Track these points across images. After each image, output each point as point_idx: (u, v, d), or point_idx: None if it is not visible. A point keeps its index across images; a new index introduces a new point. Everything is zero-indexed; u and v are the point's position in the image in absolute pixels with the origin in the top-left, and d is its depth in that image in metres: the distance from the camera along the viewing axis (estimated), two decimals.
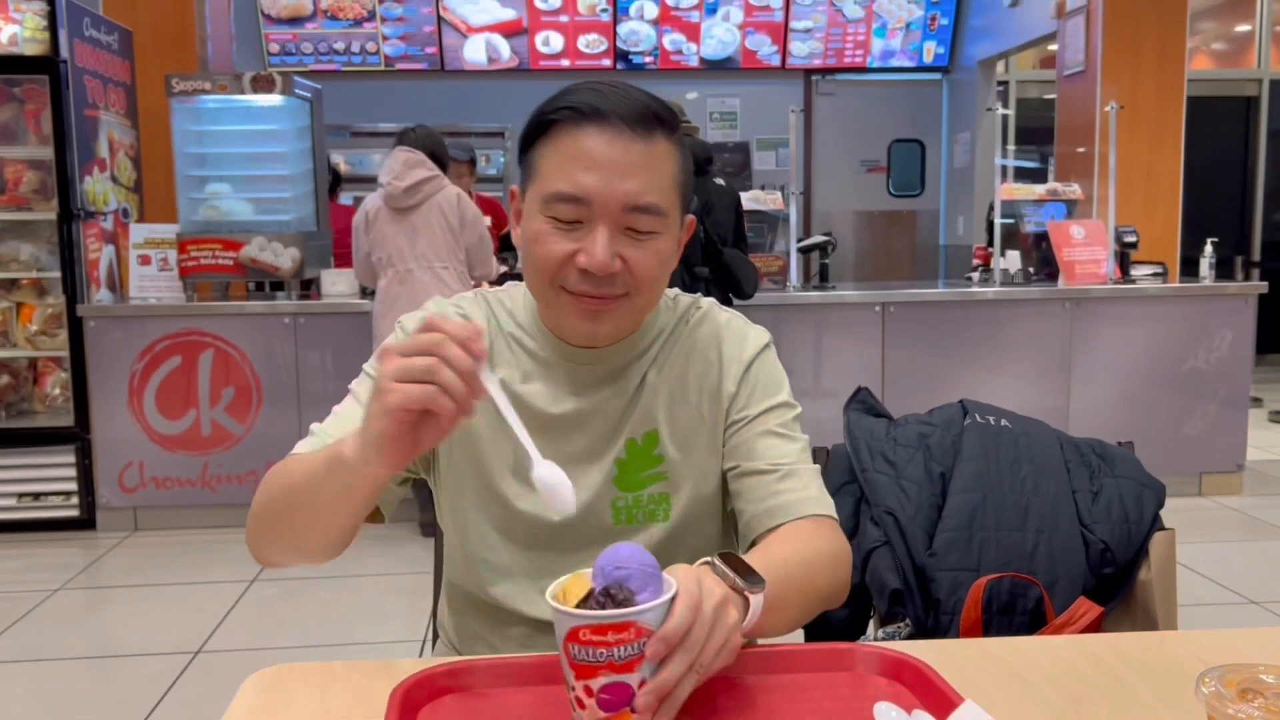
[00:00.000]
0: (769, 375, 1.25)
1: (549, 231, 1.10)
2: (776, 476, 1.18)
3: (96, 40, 4.53)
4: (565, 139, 1.10)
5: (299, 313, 4.28)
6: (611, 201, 1.08)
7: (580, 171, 1.08)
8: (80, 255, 4.30)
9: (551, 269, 1.11)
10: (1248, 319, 4.57)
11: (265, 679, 1.00)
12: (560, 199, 1.08)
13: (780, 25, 7.55)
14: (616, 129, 1.08)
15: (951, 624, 1.44)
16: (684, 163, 1.16)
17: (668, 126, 1.12)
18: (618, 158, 1.08)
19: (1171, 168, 5.65)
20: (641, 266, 1.11)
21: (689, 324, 1.26)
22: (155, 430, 4.25)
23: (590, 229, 1.09)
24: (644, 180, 1.09)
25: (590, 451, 1.20)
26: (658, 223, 1.11)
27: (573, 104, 1.10)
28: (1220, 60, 8.32)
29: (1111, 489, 1.53)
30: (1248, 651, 1.05)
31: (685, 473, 1.22)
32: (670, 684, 0.84)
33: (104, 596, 3.66)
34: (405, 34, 7.39)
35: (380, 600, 3.51)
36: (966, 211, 7.64)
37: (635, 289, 1.12)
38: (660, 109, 1.12)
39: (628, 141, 1.08)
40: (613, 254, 1.09)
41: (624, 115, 1.09)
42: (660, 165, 1.11)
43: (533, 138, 1.14)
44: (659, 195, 1.10)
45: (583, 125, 1.09)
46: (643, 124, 1.09)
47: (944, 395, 1.90)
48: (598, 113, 1.09)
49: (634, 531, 1.20)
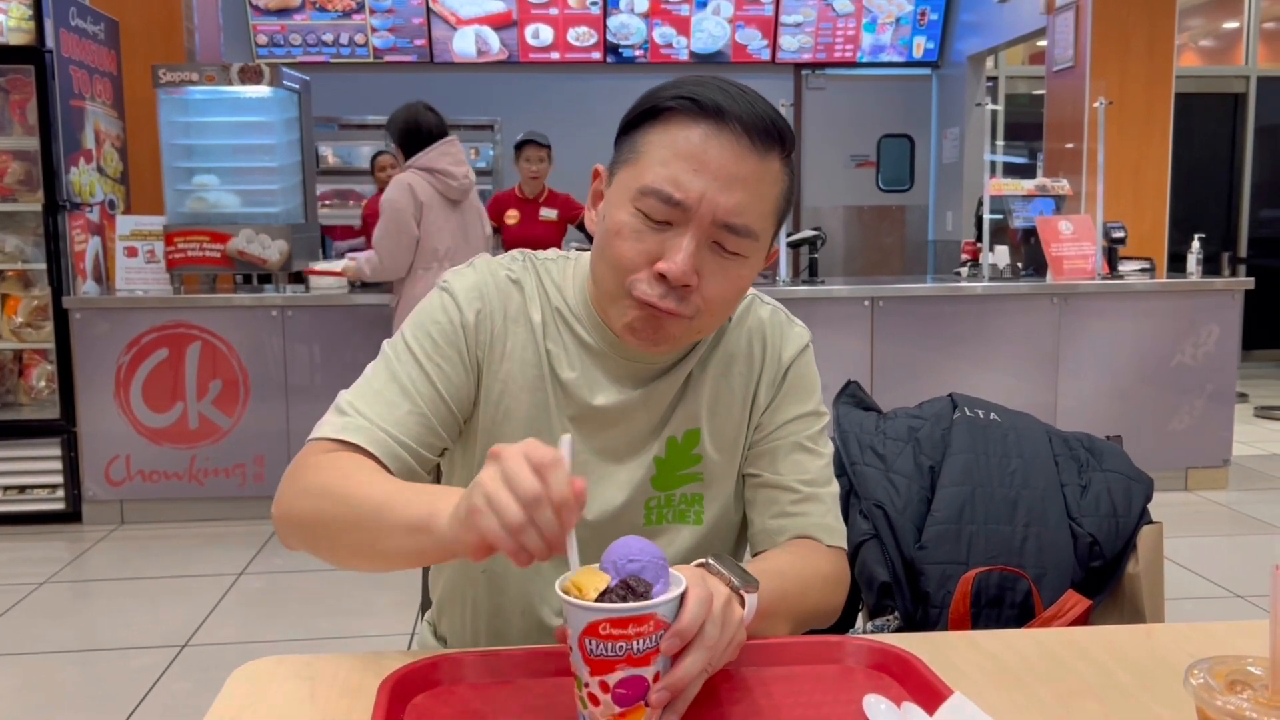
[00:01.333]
0: (804, 380, 1.22)
1: (634, 228, 1.03)
2: (797, 498, 1.17)
3: (83, 30, 4.50)
4: (678, 130, 1.02)
5: (287, 305, 4.26)
6: (708, 211, 1.00)
7: (686, 172, 1.00)
8: (66, 247, 4.27)
9: (627, 270, 1.04)
10: (1234, 314, 4.60)
11: (252, 672, 0.99)
12: (657, 196, 1.01)
13: (770, 20, 7.54)
14: (735, 135, 1.00)
15: (940, 617, 1.44)
16: (790, 188, 1.08)
17: (785, 146, 1.04)
18: (728, 167, 1.00)
19: (1159, 164, 5.68)
20: (716, 292, 1.04)
21: (732, 319, 1.21)
22: (142, 423, 4.23)
23: (678, 234, 1.01)
24: (747, 198, 1.01)
25: (630, 448, 1.17)
26: (747, 246, 1.04)
27: (695, 95, 1.01)
28: (1208, 57, 8.35)
29: (1100, 483, 1.54)
30: (1234, 644, 1.05)
31: (720, 474, 1.19)
32: (687, 680, 0.84)
33: (90, 590, 3.64)
34: (394, 26, 7.36)
35: (368, 593, 3.51)
36: (955, 207, 7.66)
37: (703, 312, 1.05)
38: (784, 125, 1.04)
39: (743, 152, 1.00)
40: (694, 267, 1.01)
41: (745, 122, 1.00)
42: (768, 186, 1.03)
43: (640, 120, 1.05)
44: (756, 218, 1.03)
45: (700, 121, 1.01)
46: (762, 137, 1.01)
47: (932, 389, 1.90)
48: (720, 112, 1.00)
49: (663, 532, 1.18)
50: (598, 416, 1.15)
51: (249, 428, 4.26)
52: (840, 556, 1.18)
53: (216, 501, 4.28)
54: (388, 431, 1.08)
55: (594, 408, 1.15)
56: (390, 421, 1.08)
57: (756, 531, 1.19)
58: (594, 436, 1.16)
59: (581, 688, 0.84)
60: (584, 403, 1.15)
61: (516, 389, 1.15)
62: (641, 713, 0.83)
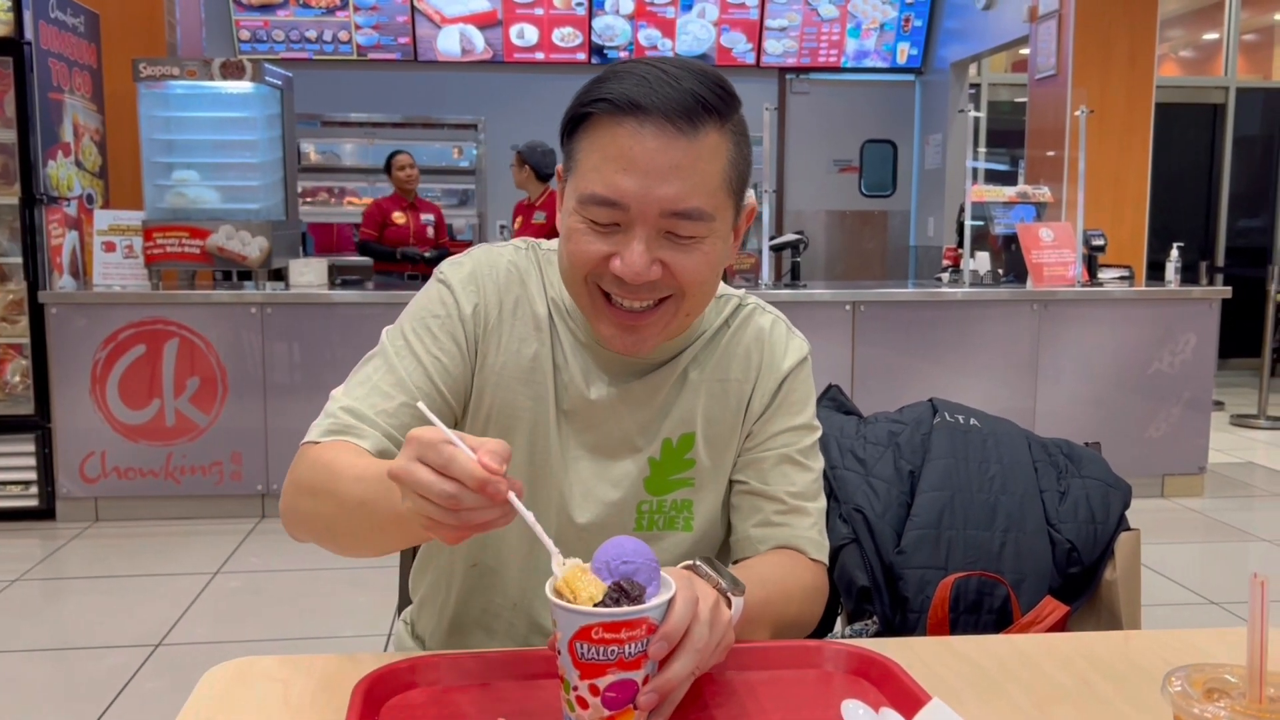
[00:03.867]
0: (800, 393, 1.22)
1: (584, 230, 1.03)
2: (783, 509, 1.17)
3: (62, 23, 4.45)
4: (603, 134, 1.00)
5: (266, 302, 4.23)
6: (649, 207, 0.99)
7: (616, 173, 0.99)
8: (43, 241, 4.22)
9: (584, 268, 1.04)
10: (1211, 323, 4.63)
11: (226, 672, 0.98)
12: (595, 202, 1.00)
13: (755, 23, 7.56)
14: (658, 125, 0.98)
15: (919, 622, 1.44)
16: (738, 151, 1.04)
17: (718, 114, 1.01)
18: (657, 158, 0.98)
19: (1139, 173, 5.72)
20: (686, 271, 1.03)
21: (732, 325, 1.21)
22: (118, 420, 4.19)
23: (627, 233, 1.01)
24: (686, 184, 0.99)
25: (623, 444, 1.16)
26: (703, 228, 1.02)
27: (609, 96, 0.99)
28: (1188, 68, 8.43)
29: (1078, 489, 1.54)
30: (1211, 651, 1.06)
31: (711, 480, 1.19)
32: (676, 683, 0.84)
33: (63, 588, 3.60)
34: (378, 23, 7.33)
35: (345, 594, 3.48)
36: (937, 212, 7.69)
37: (680, 291, 1.05)
38: (710, 94, 1.00)
39: (669, 139, 0.98)
40: (650, 261, 1.01)
41: (666, 109, 0.98)
42: (706, 164, 1.00)
43: (572, 127, 1.04)
44: (703, 198, 1.01)
45: (622, 121, 0.99)
46: (687, 118, 0.98)
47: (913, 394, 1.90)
48: (636, 107, 0.98)
49: (654, 539, 1.16)
50: (592, 410, 1.15)
51: (226, 425, 4.23)
52: (821, 571, 1.18)
53: (193, 499, 4.25)
54: (379, 425, 1.07)
55: (589, 401, 1.15)
56: (383, 414, 1.08)
57: (738, 538, 1.19)
58: (587, 431, 1.16)
59: (569, 691, 0.83)
60: (580, 396, 1.15)
61: (513, 381, 1.15)
62: (630, 715, 0.83)
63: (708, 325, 1.20)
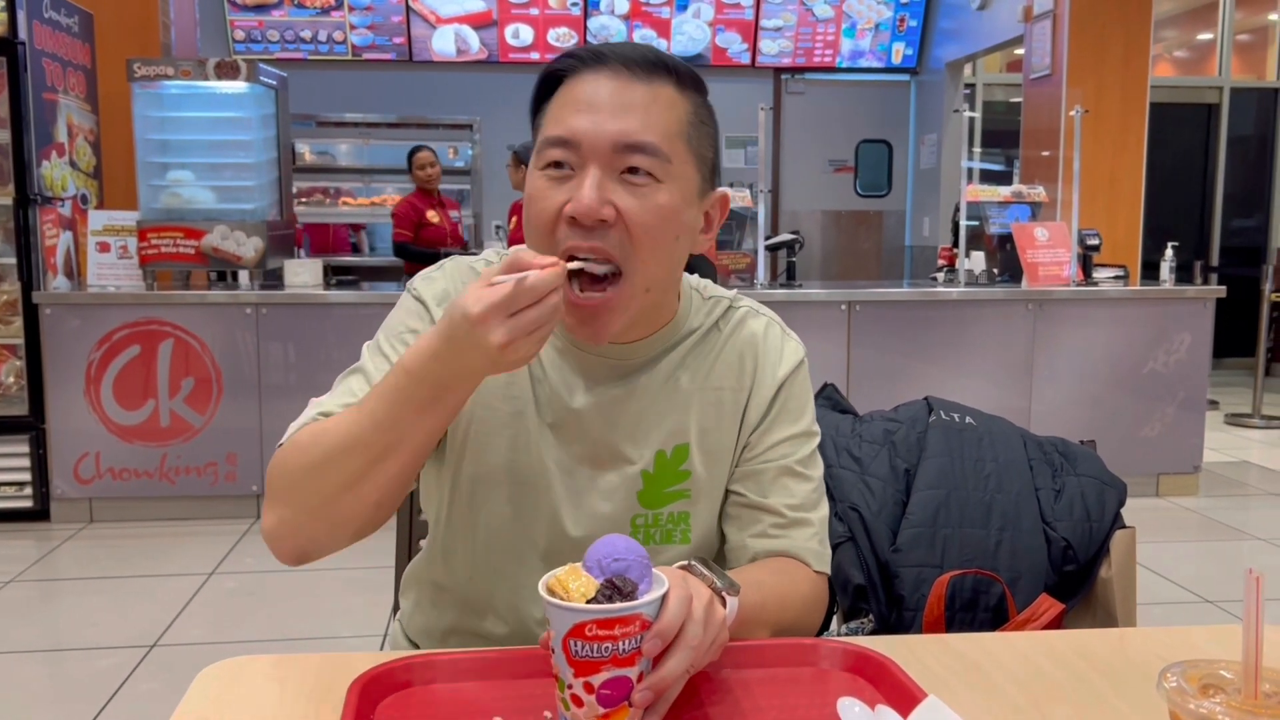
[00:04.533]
0: (797, 399, 1.19)
1: (541, 186, 1.02)
2: (782, 522, 1.15)
3: (56, 23, 4.44)
4: (565, 89, 1.04)
5: (261, 303, 4.22)
6: (600, 140, 1.00)
7: (571, 115, 1.01)
8: (37, 241, 4.21)
9: (547, 227, 1.02)
10: (1206, 322, 4.64)
11: (220, 672, 0.97)
12: (549, 143, 1.02)
13: (750, 23, 7.56)
14: (614, 70, 1.02)
15: (914, 620, 1.44)
16: (698, 118, 1.05)
17: (677, 77, 1.04)
18: (613, 97, 1.01)
19: (1134, 173, 5.73)
20: (637, 221, 1.00)
21: (723, 330, 1.18)
22: (112, 420, 4.18)
23: (580, 174, 1.00)
24: (640, 119, 1.00)
25: (612, 455, 1.13)
26: (656, 166, 1.01)
27: (575, 53, 1.04)
28: (1183, 68, 8.44)
29: (1074, 487, 1.54)
30: (1206, 648, 1.06)
31: (707, 491, 1.16)
32: (671, 680, 0.83)
33: (57, 589, 3.60)
34: (373, 23, 7.32)
35: (339, 595, 3.48)
36: (932, 212, 7.70)
37: (630, 255, 1.01)
38: (672, 60, 1.04)
39: (625, 81, 1.02)
40: (603, 199, 0.99)
41: (624, 57, 1.02)
42: (662, 108, 1.02)
43: (540, 99, 1.07)
44: (657, 135, 1.01)
45: (583, 73, 1.03)
46: (644, 66, 1.02)
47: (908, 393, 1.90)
48: (599, 57, 1.03)
49: (651, 553, 1.14)
50: (577, 420, 1.12)
51: (221, 426, 4.22)
52: (822, 582, 1.16)
53: (188, 500, 4.24)
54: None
55: (573, 410, 1.12)
56: None
57: (733, 547, 1.17)
58: (575, 443, 1.13)
59: (564, 689, 0.83)
60: (563, 406, 1.12)
61: (490, 396, 1.12)
62: (625, 713, 0.83)
63: (695, 325, 1.17)
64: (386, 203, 7.29)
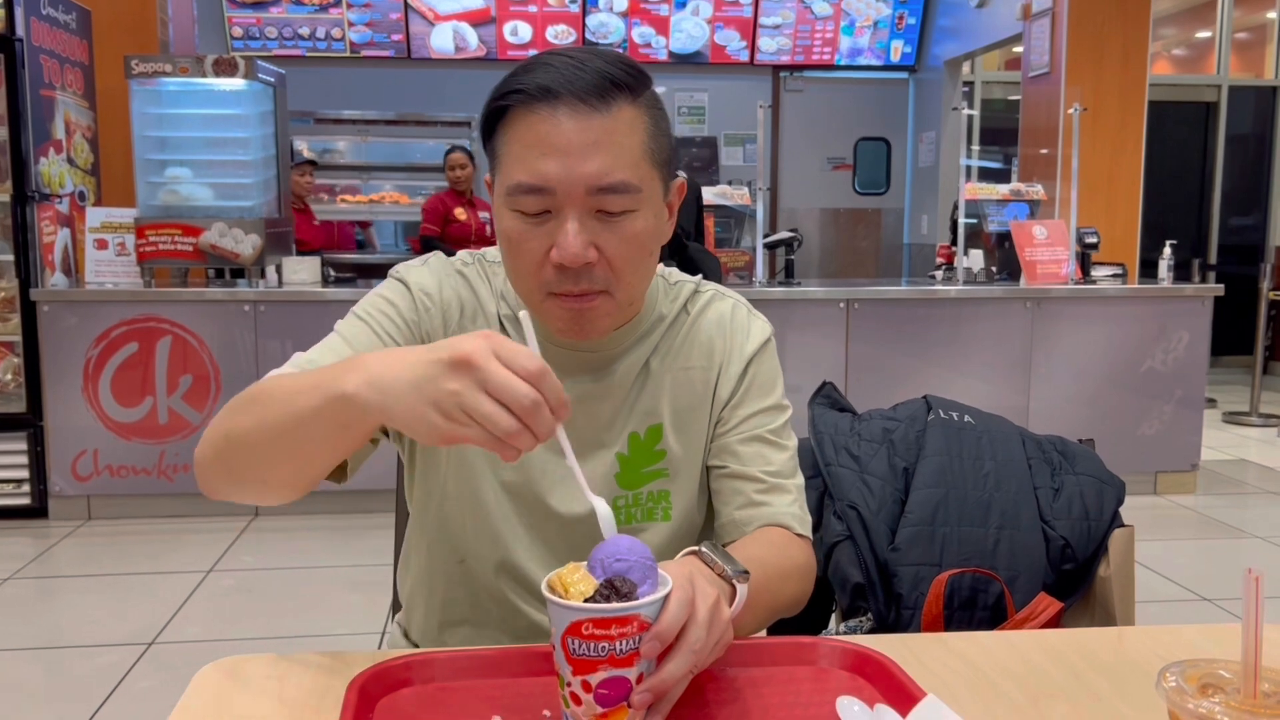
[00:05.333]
0: (766, 373, 1.22)
1: (520, 229, 1.03)
2: (762, 488, 1.17)
3: (54, 19, 4.43)
4: (520, 125, 1.02)
5: (259, 300, 4.22)
6: (575, 186, 1.00)
7: (537, 160, 1.00)
8: (35, 238, 4.21)
9: (532, 270, 1.04)
10: (1204, 321, 4.64)
11: (219, 670, 0.97)
12: (522, 190, 1.02)
13: (749, 21, 7.56)
14: (570, 106, 1.00)
15: (913, 618, 1.44)
16: (655, 125, 1.06)
17: (630, 90, 1.03)
18: (574, 137, 1.00)
19: (1132, 171, 5.73)
20: (618, 255, 1.04)
21: (691, 312, 1.22)
22: (110, 418, 4.18)
23: (559, 219, 1.02)
24: (607, 158, 1.01)
25: (592, 443, 1.16)
26: (630, 200, 1.03)
27: (521, 86, 1.02)
28: (1181, 66, 8.44)
29: (1072, 486, 1.54)
30: (1204, 647, 1.06)
31: (685, 468, 1.19)
32: (671, 683, 0.83)
33: (55, 587, 3.59)
34: (371, 20, 7.31)
35: (338, 593, 3.48)
36: (931, 210, 7.70)
37: (614, 283, 1.05)
38: (619, 72, 1.02)
39: (584, 117, 1.00)
40: (585, 243, 1.01)
41: (577, 90, 1.00)
42: (625, 137, 1.02)
43: (490, 125, 1.06)
44: (627, 170, 1.02)
45: (535, 108, 1.01)
46: (599, 95, 1.01)
47: (907, 391, 1.90)
48: (548, 93, 1.00)
49: (634, 533, 1.17)
50: None
51: None
52: (808, 546, 1.19)
53: (186, 498, 4.24)
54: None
55: None
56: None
57: (724, 523, 1.19)
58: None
59: (564, 687, 0.83)
60: None
61: None
62: (624, 713, 0.83)
63: (665, 313, 1.20)
64: (385, 200, 7.28)
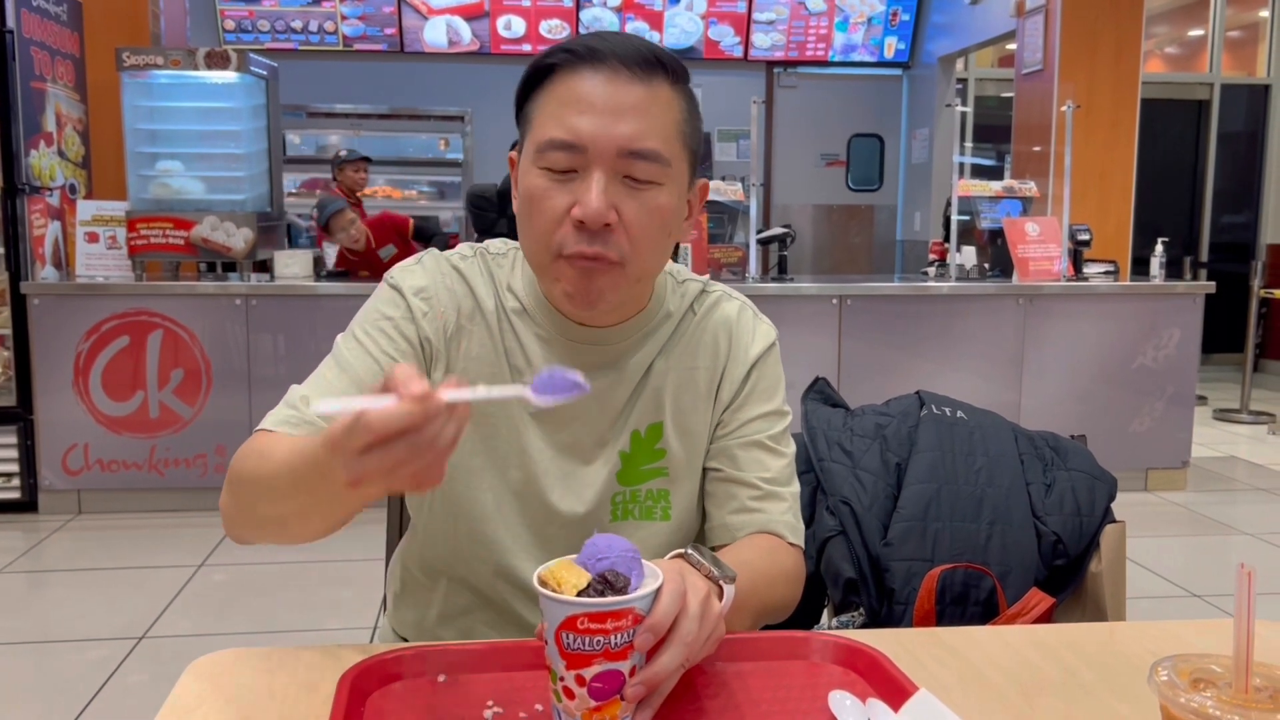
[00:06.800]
0: (769, 379, 1.21)
1: (544, 186, 1.02)
2: (758, 494, 1.17)
3: (45, 11, 4.41)
4: (560, 85, 1.03)
5: (251, 294, 4.21)
6: (607, 145, 1.00)
7: (574, 115, 1.00)
8: (25, 231, 4.19)
9: (549, 228, 1.03)
10: (1195, 318, 4.66)
11: (210, 665, 0.97)
12: (553, 146, 1.01)
13: (743, 16, 7.55)
14: (613, 69, 1.01)
15: (905, 613, 1.44)
16: (691, 115, 1.07)
17: (671, 74, 1.04)
18: (613, 99, 1.00)
19: (1125, 168, 5.74)
20: (636, 223, 1.02)
21: (697, 313, 1.21)
22: (101, 412, 4.16)
23: (585, 177, 1.01)
24: (643, 124, 1.01)
25: (595, 443, 1.16)
26: (658, 171, 1.02)
27: (569, 47, 1.03)
28: (1173, 64, 8.46)
29: (1064, 482, 1.55)
30: (1194, 642, 1.06)
31: (685, 468, 1.19)
32: (663, 675, 0.83)
33: (45, 581, 3.58)
34: (364, 14, 7.29)
35: (330, 588, 3.47)
36: (924, 207, 7.71)
37: (629, 254, 1.03)
38: (665, 55, 1.04)
39: (625, 83, 1.01)
40: (608, 204, 1.00)
41: (622, 57, 1.01)
42: (662, 110, 1.03)
43: (529, 89, 1.06)
44: (660, 141, 1.02)
45: (579, 69, 1.02)
46: (642, 65, 1.02)
47: (899, 387, 1.90)
48: (594, 54, 1.01)
49: (632, 529, 1.17)
50: (561, 411, 1.13)
51: (211, 418, 4.21)
52: (800, 554, 1.18)
53: (177, 492, 4.23)
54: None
55: None
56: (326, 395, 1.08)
57: (715, 525, 1.19)
58: (559, 433, 1.15)
59: (556, 681, 0.83)
60: None
61: None
62: (617, 706, 0.83)
63: (673, 309, 1.20)
64: (378, 194, 7.26)
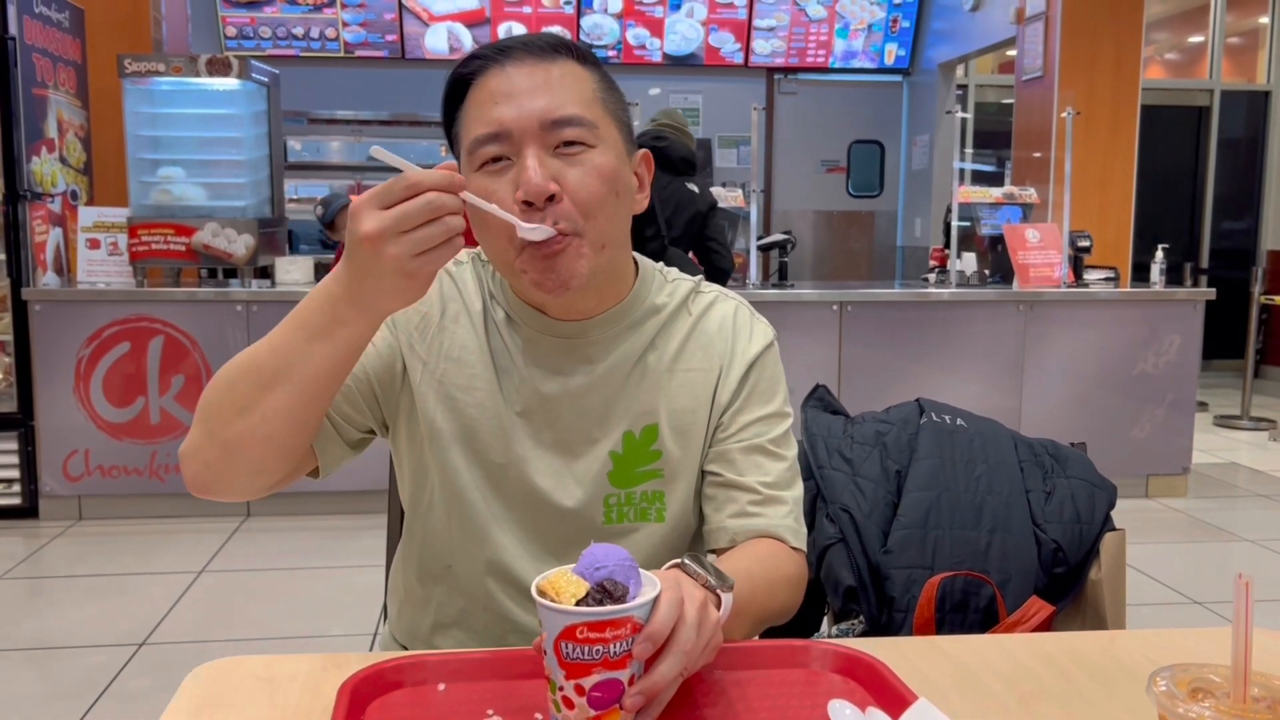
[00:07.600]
0: (768, 379, 1.21)
1: (486, 185, 1.04)
2: (757, 499, 1.16)
3: (47, 18, 4.42)
4: (475, 90, 1.08)
5: (251, 300, 4.21)
6: (528, 123, 1.03)
7: (492, 108, 1.05)
8: (26, 237, 4.19)
9: (502, 228, 1.03)
10: (1196, 324, 4.66)
11: (210, 672, 0.97)
12: (480, 142, 1.05)
13: (744, 23, 7.56)
14: (518, 59, 1.07)
15: (905, 621, 1.44)
16: (607, 87, 1.11)
17: (577, 54, 1.09)
18: (525, 82, 1.05)
19: (1125, 174, 5.75)
20: (581, 189, 1.03)
21: (693, 312, 1.21)
22: (102, 418, 4.16)
23: (519, 161, 1.03)
24: (558, 95, 1.05)
25: (584, 439, 1.15)
26: (586, 134, 1.05)
27: (476, 53, 1.09)
28: (1173, 70, 8.47)
29: (1064, 489, 1.55)
30: (1195, 650, 1.06)
31: (681, 470, 1.18)
32: (663, 684, 0.83)
33: (46, 587, 3.58)
34: (365, 20, 7.30)
35: (330, 594, 3.47)
36: (924, 213, 7.71)
37: (582, 223, 1.04)
38: (569, 40, 1.10)
39: (533, 66, 1.06)
40: (546, 175, 1.02)
41: (527, 45, 1.08)
42: (574, 81, 1.07)
43: (452, 110, 1.11)
44: (578, 106, 1.05)
45: (488, 69, 1.07)
46: (545, 49, 1.08)
47: (899, 394, 1.91)
48: (500, 50, 1.08)
49: (626, 532, 1.16)
50: (548, 406, 1.14)
51: None
52: (801, 558, 1.18)
53: (178, 498, 4.22)
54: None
55: (543, 396, 1.14)
56: None
57: (714, 528, 1.18)
58: (546, 429, 1.15)
59: (555, 691, 0.83)
60: (533, 393, 1.14)
61: (454, 389, 1.14)
62: (616, 715, 0.83)
63: (661, 304, 1.19)
64: None
